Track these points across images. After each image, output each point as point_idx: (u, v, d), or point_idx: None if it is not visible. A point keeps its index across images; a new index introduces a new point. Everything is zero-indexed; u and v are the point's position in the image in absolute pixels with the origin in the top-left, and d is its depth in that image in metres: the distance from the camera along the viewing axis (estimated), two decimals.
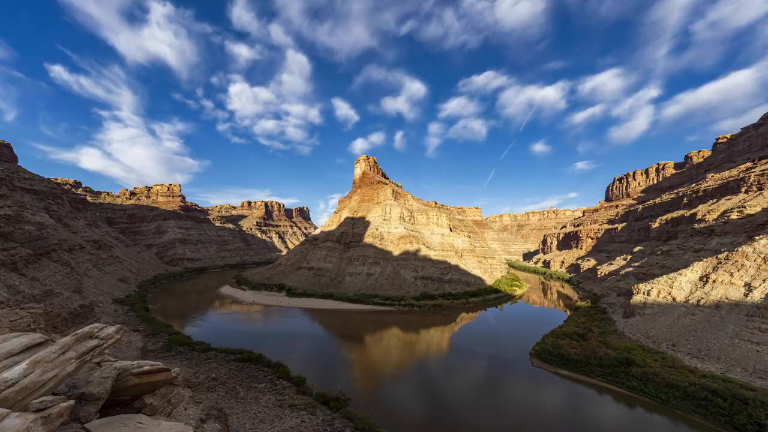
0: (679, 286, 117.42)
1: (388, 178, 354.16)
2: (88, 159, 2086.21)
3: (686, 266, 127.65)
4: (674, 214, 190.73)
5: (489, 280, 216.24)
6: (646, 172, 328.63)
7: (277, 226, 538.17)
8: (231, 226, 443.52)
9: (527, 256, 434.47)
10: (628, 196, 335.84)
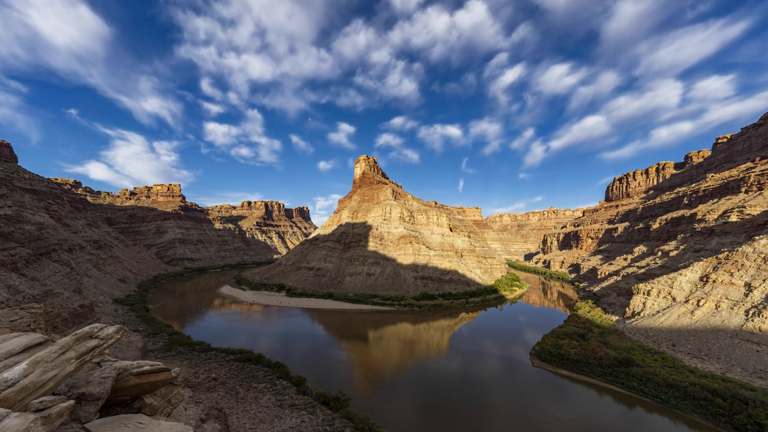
0: (679, 286, 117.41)
1: (388, 178, 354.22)
2: (96, 171, 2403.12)
3: (686, 266, 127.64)
4: (674, 214, 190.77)
5: (489, 280, 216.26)
6: (647, 172, 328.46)
7: (277, 226, 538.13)
8: (231, 226, 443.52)
9: (527, 256, 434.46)
10: (628, 196, 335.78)
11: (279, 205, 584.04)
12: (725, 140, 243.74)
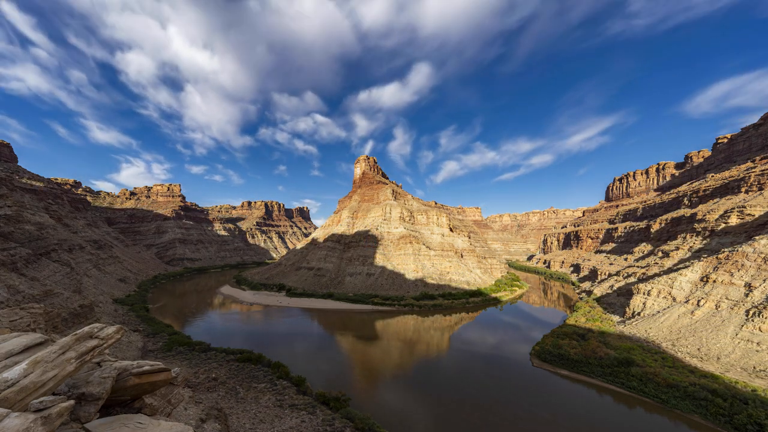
0: (680, 286, 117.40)
1: (388, 178, 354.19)
2: (103, 188, 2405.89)
3: (686, 266, 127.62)
4: (674, 214, 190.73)
5: (489, 280, 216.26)
6: (647, 172, 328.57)
7: (277, 226, 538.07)
8: (231, 226, 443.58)
9: (528, 256, 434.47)
10: (628, 196, 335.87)
11: (279, 205, 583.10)
12: (725, 140, 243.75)
